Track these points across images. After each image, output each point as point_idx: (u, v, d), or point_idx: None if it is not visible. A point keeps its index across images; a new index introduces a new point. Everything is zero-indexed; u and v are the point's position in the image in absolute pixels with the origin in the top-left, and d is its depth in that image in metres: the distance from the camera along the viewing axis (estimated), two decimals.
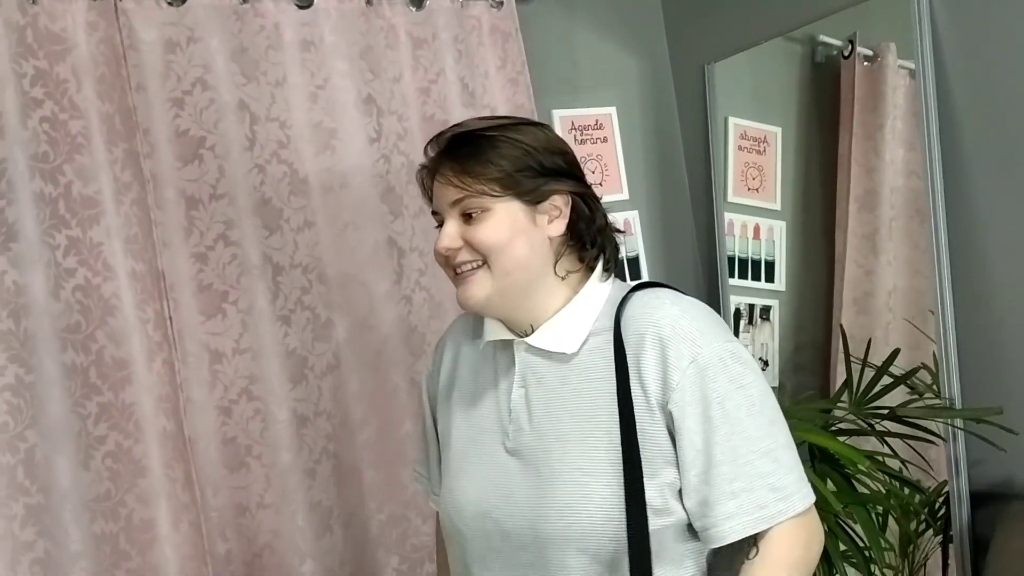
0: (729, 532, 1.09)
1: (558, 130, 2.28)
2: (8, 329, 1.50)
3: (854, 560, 1.66)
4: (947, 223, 1.88)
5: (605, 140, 2.37)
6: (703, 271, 2.45)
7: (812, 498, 1.13)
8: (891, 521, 1.98)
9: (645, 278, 2.40)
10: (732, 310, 2.37)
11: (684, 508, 1.12)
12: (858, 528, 1.78)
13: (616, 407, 1.12)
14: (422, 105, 2.00)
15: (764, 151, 2.41)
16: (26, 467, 1.50)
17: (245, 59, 1.80)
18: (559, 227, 1.18)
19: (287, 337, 1.83)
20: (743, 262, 2.39)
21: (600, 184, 2.35)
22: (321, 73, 1.89)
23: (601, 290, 1.20)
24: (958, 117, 1.86)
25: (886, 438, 1.78)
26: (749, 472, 1.09)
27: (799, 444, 1.72)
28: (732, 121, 2.39)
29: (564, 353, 1.17)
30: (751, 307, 2.40)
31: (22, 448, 1.50)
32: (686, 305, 1.15)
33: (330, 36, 1.90)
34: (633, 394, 1.12)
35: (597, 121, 2.36)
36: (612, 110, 2.38)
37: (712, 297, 2.38)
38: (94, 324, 1.61)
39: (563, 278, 1.19)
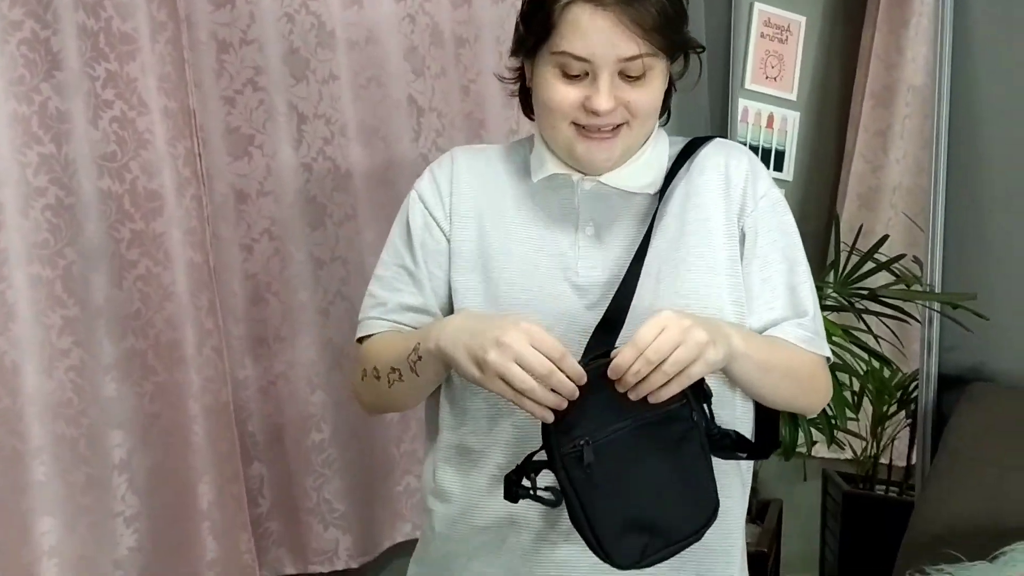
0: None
1: None
2: (50, 152, 1.59)
3: (820, 424, 1.78)
4: (949, 121, 1.93)
5: None
6: None
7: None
8: (866, 402, 2.11)
9: None
10: None
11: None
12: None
13: (706, 232, 1.14)
14: None
15: (786, 40, 2.42)
16: (64, 282, 1.62)
17: None
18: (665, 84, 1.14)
19: (308, 183, 1.92)
20: (753, 149, 2.44)
21: None
22: None
23: (663, 136, 1.21)
24: (974, 20, 1.89)
25: (864, 316, 1.88)
26: (812, 296, 1.18)
27: None
28: (757, 7, 2.39)
29: (645, 193, 1.15)
30: None
31: (61, 264, 1.62)
32: None
33: None
34: (716, 211, 1.15)
35: None
36: None
37: None
38: (129, 155, 1.70)
39: None
